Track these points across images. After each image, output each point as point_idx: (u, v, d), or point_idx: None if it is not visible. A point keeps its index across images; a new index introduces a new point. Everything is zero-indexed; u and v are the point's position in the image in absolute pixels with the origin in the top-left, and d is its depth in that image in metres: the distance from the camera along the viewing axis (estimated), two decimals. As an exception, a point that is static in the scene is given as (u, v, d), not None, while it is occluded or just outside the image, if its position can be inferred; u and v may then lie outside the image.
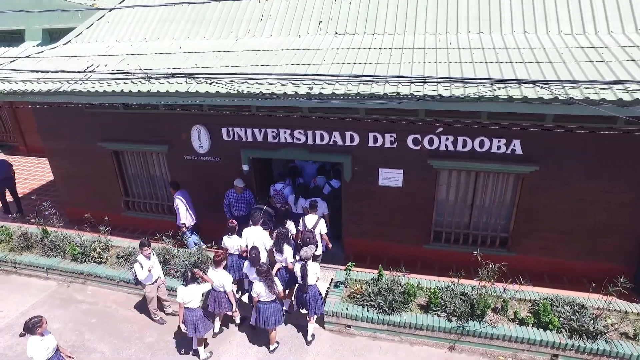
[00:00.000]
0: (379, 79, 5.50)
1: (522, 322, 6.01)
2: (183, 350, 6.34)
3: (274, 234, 6.68)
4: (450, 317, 6.13)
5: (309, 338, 6.37)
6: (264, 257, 6.48)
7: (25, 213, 9.85)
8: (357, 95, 5.54)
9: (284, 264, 6.52)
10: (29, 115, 10.96)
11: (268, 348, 6.26)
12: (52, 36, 11.35)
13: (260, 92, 5.90)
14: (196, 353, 6.15)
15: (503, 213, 7.21)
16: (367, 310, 6.35)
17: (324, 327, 6.61)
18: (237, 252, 6.87)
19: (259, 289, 5.78)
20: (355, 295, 6.61)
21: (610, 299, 5.83)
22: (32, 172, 13.11)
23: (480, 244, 7.29)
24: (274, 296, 5.84)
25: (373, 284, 6.66)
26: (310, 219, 7.05)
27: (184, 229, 7.99)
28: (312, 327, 6.38)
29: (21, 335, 4.91)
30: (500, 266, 5.93)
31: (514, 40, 6.53)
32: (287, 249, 6.45)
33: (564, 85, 4.88)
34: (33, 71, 6.84)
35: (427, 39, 6.84)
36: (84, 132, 8.70)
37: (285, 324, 6.57)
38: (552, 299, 6.24)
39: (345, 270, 6.82)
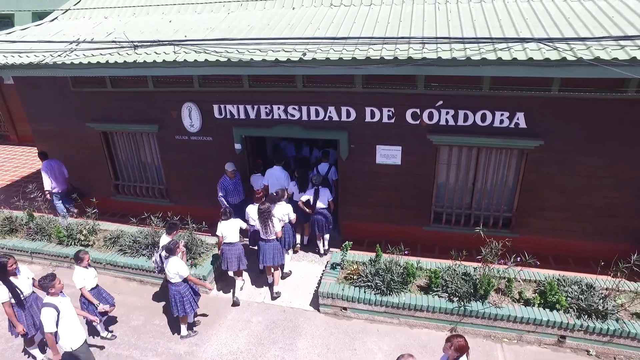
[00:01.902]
0: (376, 41, 5.19)
1: (527, 303, 5.70)
2: (170, 332, 6.04)
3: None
4: (451, 297, 5.82)
5: (322, 252, 7.53)
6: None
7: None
8: (353, 61, 5.22)
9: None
10: (20, 105, 10.66)
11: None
12: (42, 20, 11.06)
13: (251, 59, 5.59)
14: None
15: (506, 192, 6.89)
16: (364, 292, 6.03)
17: (318, 310, 6.30)
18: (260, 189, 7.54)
19: (258, 225, 6.24)
20: (352, 276, 6.30)
21: (619, 279, 5.53)
22: (22, 161, 12.83)
23: (482, 225, 6.96)
24: (273, 236, 6.22)
25: (371, 264, 6.35)
26: (322, 167, 7.83)
27: (48, 195, 8.45)
28: (325, 241, 7.50)
29: (166, 257, 5.50)
30: (504, 242, 5.62)
31: (516, 5, 6.24)
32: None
33: (570, 43, 4.56)
34: (14, 42, 6.53)
35: (426, 9, 6.55)
36: (71, 112, 8.40)
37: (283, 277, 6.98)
38: (558, 279, 5.94)
39: (341, 250, 6.50)
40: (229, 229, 6.24)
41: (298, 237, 7.59)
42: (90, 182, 8.96)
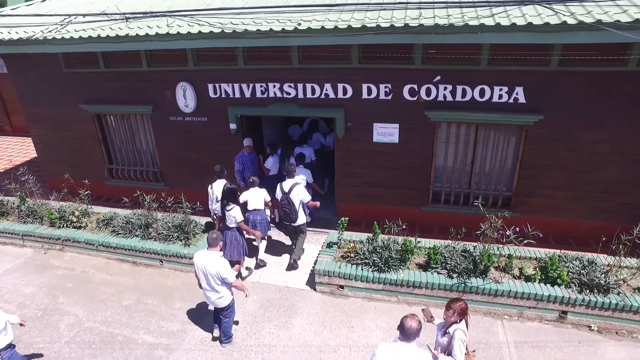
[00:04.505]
0: (373, 7, 5.07)
1: (528, 279, 5.57)
2: (163, 310, 5.90)
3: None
4: (451, 274, 5.69)
5: (323, 193, 8.00)
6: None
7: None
8: (348, 29, 5.11)
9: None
10: (15, 95, 10.53)
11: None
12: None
13: (245, 30, 5.47)
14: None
15: (505, 170, 6.78)
16: (362, 269, 5.90)
17: (315, 289, 6.17)
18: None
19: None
20: (349, 254, 6.17)
21: (621, 256, 5.41)
22: (16, 150, 12.70)
23: (481, 205, 6.83)
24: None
25: (368, 242, 6.22)
26: None
27: None
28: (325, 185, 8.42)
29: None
30: (503, 216, 5.49)
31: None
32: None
33: (567, 4, 4.46)
34: (3, 15, 6.39)
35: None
36: (64, 95, 8.27)
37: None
38: (559, 255, 5.82)
39: (338, 226, 6.35)
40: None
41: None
42: (83, 167, 8.81)
